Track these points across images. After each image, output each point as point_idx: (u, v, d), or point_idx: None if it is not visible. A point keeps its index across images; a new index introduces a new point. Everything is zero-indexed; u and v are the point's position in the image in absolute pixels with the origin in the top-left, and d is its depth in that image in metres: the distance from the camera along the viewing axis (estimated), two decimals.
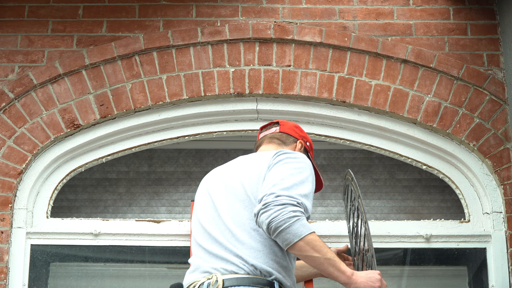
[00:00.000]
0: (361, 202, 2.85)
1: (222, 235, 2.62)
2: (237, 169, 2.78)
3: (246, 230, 2.60)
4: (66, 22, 3.89)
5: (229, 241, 2.60)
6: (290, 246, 2.50)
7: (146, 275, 3.86)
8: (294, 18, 3.89)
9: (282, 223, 2.47)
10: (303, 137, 3.03)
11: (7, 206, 3.60)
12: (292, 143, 2.97)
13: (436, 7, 3.93)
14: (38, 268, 3.66)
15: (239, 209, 2.65)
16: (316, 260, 2.52)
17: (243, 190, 2.67)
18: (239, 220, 2.62)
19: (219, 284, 2.52)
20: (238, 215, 2.63)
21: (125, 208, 4.26)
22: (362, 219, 2.84)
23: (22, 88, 3.75)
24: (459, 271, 3.87)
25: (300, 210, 2.51)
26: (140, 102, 3.77)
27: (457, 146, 3.78)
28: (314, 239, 2.50)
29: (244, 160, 2.82)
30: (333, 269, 2.53)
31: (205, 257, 2.64)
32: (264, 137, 3.01)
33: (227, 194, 2.70)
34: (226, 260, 2.57)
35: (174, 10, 3.91)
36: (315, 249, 2.50)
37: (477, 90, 3.78)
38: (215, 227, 2.66)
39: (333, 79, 3.79)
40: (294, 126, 3.04)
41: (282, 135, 2.99)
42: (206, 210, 2.75)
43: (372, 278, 2.56)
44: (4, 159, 3.66)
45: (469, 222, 3.72)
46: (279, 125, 3.01)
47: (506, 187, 3.66)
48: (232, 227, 2.62)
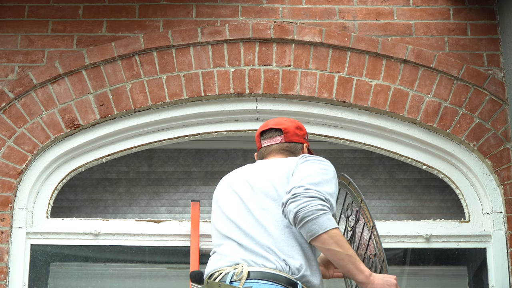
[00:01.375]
0: (364, 206, 2.84)
1: (254, 230, 2.64)
2: (264, 171, 2.79)
3: (279, 228, 2.63)
4: (66, 22, 3.89)
5: (262, 236, 2.62)
6: (314, 237, 2.53)
7: (146, 275, 3.87)
8: (294, 18, 3.89)
9: (310, 213, 2.51)
10: (304, 134, 3.02)
11: (7, 206, 3.60)
12: (300, 151, 2.96)
13: (436, 7, 3.93)
14: (38, 268, 3.66)
15: (271, 207, 2.67)
16: (337, 255, 2.54)
17: (274, 190, 2.69)
18: (272, 218, 2.65)
19: (243, 275, 2.54)
20: (270, 214, 2.66)
21: (125, 208, 4.26)
22: (366, 224, 2.83)
23: (22, 88, 3.75)
24: (459, 271, 3.87)
25: (327, 205, 2.56)
26: (140, 102, 3.77)
27: (457, 146, 3.78)
28: (338, 233, 2.54)
29: (269, 164, 2.83)
30: (353, 266, 2.55)
31: (236, 248, 2.65)
32: (270, 148, 2.93)
33: (256, 195, 2.72)
34: (257, 253, 2.59)
35: (174, 10, 3.91)
36: (338, 244, 2.53)
37: (477, 90, 3.78)
38: (246, 222, 2.68)
39: (333, 79, 3.79)
40: (295, 128, 2.98)
41: (290, 146, 2.93)
42: (234, 207, 2.75)
43: (389, 281, 2.58)
44: (4, 159, 3.66)
45: (469, 222, 3.72)
46: (283, 134, 2.93)
47: (506, 187, 3.66)
48: (265, 223, 2.64)
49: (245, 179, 2.81)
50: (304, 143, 2.97)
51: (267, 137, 2.95)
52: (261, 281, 2.53)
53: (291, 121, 3.01)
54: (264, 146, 2.93)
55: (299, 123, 3.02)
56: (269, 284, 2.53)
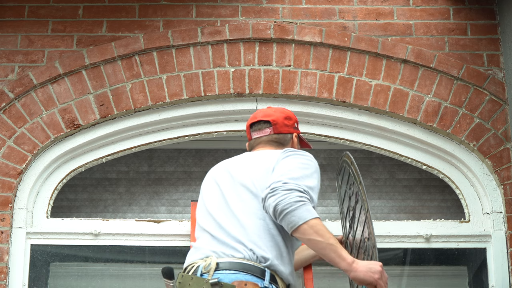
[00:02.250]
0: (362, 188, 2.86)
1: (228, 222, 2.70)
2: (246, 163, 2.84)
3: (252, 219, 2.67)
4: (66, 22, 3.89)
5: (235, 227, 2.67)
6: (295, 229, 2.55)
7: (146, 275, 3.86)
8: (294, 18, 3.89)
9: (288, 205, 2.54)
10: (293, 124, 3.05)
11: (7, 206, 3.60)
12: (289, 141, 3.00)
13: (436, 7, 3.93)
14: (38, 268, 3.66)
15: (247, 199, 2.72)
16: (318, 244, 2.56)
17: (251, 183, 2.74)
18: (246, 210, 2.70)
19: (211, 266, 2.59)
20: (247, 205, 2.70)
21: (125, 208, 4.25)
22: (362, 206, 2.85)
23: (22, 88, 3.75)
24: (459, 271, 3.86)
25: (306, 196, 2.58)
26: (140, 102, 3.77)
27: (457, 146, 3.78)
28: (317, 223, 2.56)
29: (252, 156, 2.89)
30: (335, 254, 2.57)
31: (208, 240, 2.71)
32: (259, 140, 2.99)
33: (235, 186, 2.77)
34: (227, 244, 2.64)
35: (174, 10, 3.91)
36: (319, 233, 2.55)
37: (477, 90, 3.78)
38: (222, 214, 2.74)
39: (333, 79, 3.79)
40: (284, 119, 3.01)
41: (279, 137, 2.98)
42: (214, 199, 2.82)
43: (373, 268, 2.57)
44: (4, 159, 3.66)
45: (469, 222, 3.72)
46: (271, 126, 2.98)
47: (506, 187, 3.66)
48: (239, 215, 2.69)
49: (227, 170, 2.87)
50: (293, 132, 3.01)
51: (256, 129, 3.00)
52: (228, 271, 2.58)
53: (280, 111, 3.05)
54: (254, 138, 2.99)
55: (288, 113, 3.06)
56: (237, 273, 2.58)
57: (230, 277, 2.57)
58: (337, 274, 3.85)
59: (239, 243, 2.63)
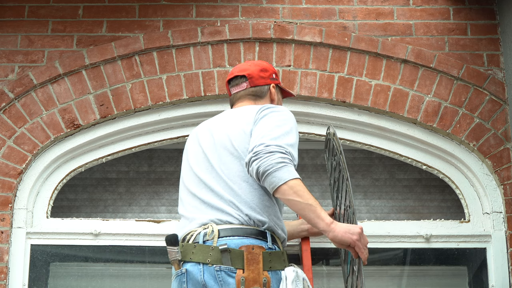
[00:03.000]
0: (342, 158, 2.94)
1: (218, 185, 2.75)
2: (224, 123, 2.90)
3: (237, 182, 2.73)
4: (66, 22, 3.89)
5: (226, 191, 2.73)
6: (275, 189, 2.62)
7: (146, 275, 3.86)
8: (294, 18, 3.89)
9: (270, 167, 2.61)
10: (270, 75, 3.09)
11: (7, 206, 3.60)
12: (267, 93, 3.06)
13: (436, 7, 3.93)
14: (38, 268, 3.66)
15: (229, 163, 2.78)
16: (297, 204, 2.62)
17: (230, 144, 2.80)
18: (230, 173, 2.76)
19: (215, 234, 2.64)
20: (228, 168, 2.76)
21: (125, 208, 4.25)
22: (344, 175, 2.89)
23: (22, 88, 3.75)
24: (459, 271, 3.86)
25: (288, 157, 2.64)
26: (140, 102, 3.77)
27: (457, 146, 3.78)
28: (297, 184, 2.62)
29: (230, 115, 2.94)
30: (313, 215, 2.62)
31: (201, 207, 2.75)
32: (237, 95, 3.06)
33: (216, 148, 2.83)
34: (222, 210, 2.69)
35: (174, 10, 3.91)
36: (298, 193, 2.61)
37: (477, 90, 3.78)
38: (210, 176, 2.79)
39: (333, 79, 3.79)
40: (260, 71, 3.07)
41: (256, 90, 3.05)
42: (198, 160, 2.87)
43: (351, 230, 2.63)
44: (4, 159, 3.66)
45: (469, 222, 3.72)
46: (247, 80, 3.05)
47: (506, 187, 3.66)
48: (226, 179, 2.75)
49: (209, 131, 2.93)
50: (270, 83, 3.06)
51: (233, 84, 3.08)
52: (232, 237, 2.64)
53: (255, 64, 3.12)
54: (233, 93, 3.07)
55: (264, 65, 3.12)
56: (241, 238, 2.64)
57: (235, 242, 2.63)
58: (337, 274, 3.85)
59: (235, 209, 2.69)
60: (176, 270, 2.68)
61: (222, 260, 2.59)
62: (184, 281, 2.63)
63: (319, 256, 3.74)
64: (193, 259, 2.63)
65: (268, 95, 3.05)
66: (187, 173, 2.92)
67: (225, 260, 2.60)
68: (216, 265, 2.59)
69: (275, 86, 3.08)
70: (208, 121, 3.05)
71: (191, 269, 2.63)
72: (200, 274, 2.60)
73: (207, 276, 2.59)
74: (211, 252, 2.60)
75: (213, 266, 2.59)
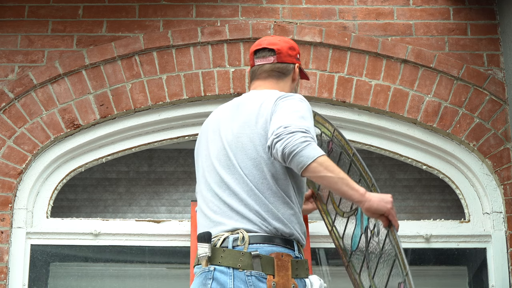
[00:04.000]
0: (338, 135, 3.02)
1: (242, 190, 2.71)
2: (245, 120, 2.82)
3: (262, 190, 2.70)
4: (66, 22, 3.89)
5: (251, 199, 2.70)
6: (304, 168, 2.58)
7: (146, 275, 3.86)
8: (294, 18, 3.89)
9: (295, 147, 2.57)
10: (296, 54, 3.05)
11: (7, 206, 3.60)
12: (291, 72, 3.01)
13: (436, 7, 3.93)
14: (38, 268, 3.66)
15: (251, 167, 2.73)
16: (330, 179, 2.59)
17: (253, 148, 2.75)
18: (254, 179, 2.72)
19: (246, 240, 2.63)
20: (252, 174, 2.72)
21: (125, 208, 4.25)
22: (342, 152, 2.99)
23: (22, 88, 3.75)
24: (459, 271, 3.86)
25: (309, 136, 2.62)
26: (140, 102, 3.77)
27: (457, 146, 3.78)
28: (326, 159, 2.60)
29: (249, 108, 2.85)
30: (347, 187, 2.61)
31: (227, 212, 2.71)
32: (263, 68, 2.98)
33: (237, 148, 2.78)
34: (250, 220, 2.67)
35: (174, 10, 3.91)
36: (328, 169, 2.58)
37: (477, 90, 3.78)
38: (232, 177, 2.74)
39: (333, 79, 3.79)
40: (289, 49, 3.01)
41: (282, 67, 2.98)
42: (219, 155, 2.80)
43: (385, 199, 2.63)
44: (4, 159, 3.66)
45: (469, 222, 3.72)
46: (276, 54, 2.97)
47: (506, 187, 3.66)
48: (250, 184, 2.71)
49: (230, 126, 2.84)
50: (296, 63, 3.02)
51: (260, 56, 2.99)
52: (262, 244, 2.63)
53: (284, 40, 3.05)
54: (257, 64, 2.99)
55: (292, 43, 3.06)
56: (271, 246, 2.64)
57: (265, 249, 2.63)
58: (338, 274, 3.86)
59: (262, 220, 2.67)
60: (204, 267, 2.65)
61: (253, 265, 2.60)
62: (210, 278, 2.62)
63: (319, 256, 3.74)
64: (222, 263, 2.62)
65: (291, 74, 2.99)
66: (208, 166, 2.84)
67: (256, 265, 2.60)
68: (247, 270, 2.59)
69: (298, 66, 3.03)
70: (225, 109, 2.95)
71: (219, 272, 2.62)
72: (230, 278, 2.59)
73: (237, 281, 2.58)
74: (242, 258, 2.60)
75: (244, 271, 2.59)
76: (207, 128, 2.94)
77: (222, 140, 2.83)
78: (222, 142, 2.82)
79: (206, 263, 2.63)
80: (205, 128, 2.96)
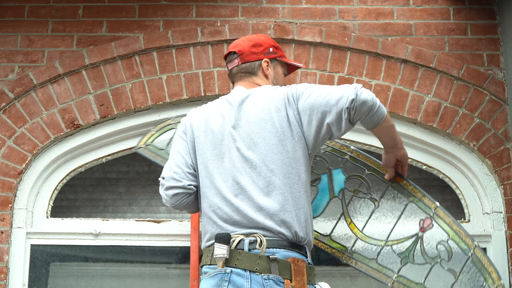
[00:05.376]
0: None
1: (259, 192, 2.70)
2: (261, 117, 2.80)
3: (284, 193, 2.70)
4: (66, 22, 3.89)
5: (270, 200, 2.68)
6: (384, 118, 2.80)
7: (146, 275, 3.86)
8: (294, 18, 3.89)
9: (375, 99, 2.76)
10: (263, 50, 3.02)
11: (7, 206, 3.60)
12: (258, 69, 3.00)
13: (436, 7, 3.93)
14: (38, 268, 3.66)
15: (274, 168, 2.72)
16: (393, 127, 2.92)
17: (281, 146, 2.75)
18: (275, 180, 2.70)
19: (264, 245, 2.64)
20: (275, 175, 2.71)
21: (125, 208, 4.25)
22: None
23: (22, 88, 3.76)
24: None
25: None
26: (140, 102, 3.77)
27: (457, 146, 3.78)
28: None
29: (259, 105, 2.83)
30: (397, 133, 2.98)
31: (237, 219, 2.69)
32: (232, 72, 3.02)
33: (256, 147, 2.75)
34: (265, 225, 2.66)
35: (174, 10, 3.91)
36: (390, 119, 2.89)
37: (477, 90, 3.79)
38: (248, 180, 2.72)
39: (333, 79, 3.79)
40: (252, 46, 3.01)
41: (247, 66, 2.99)
42: (233, 157, 2.77)
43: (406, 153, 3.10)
44: (4, 159, 3.66)
45: (469, 222, 3.72)
46: (238, 56, 3.00)
47: (506, 187, 3.66)
48: (270, 186, 2.70)
49: (244, 129, 2.80)
50: (262, 58, 3.00)
51: (228, 60, 3.05)
52: (279, 249, 2.65)
53: (249, 39, 3.05)
54: (229, 69, 3.04)
55: (258, 39, 3.04)
56: (287, 251, 2.66)
57: (282, 254, 2.64)
58: (338, 274, 3.86)
59: (283, 227, 2.66)
60: (219, 268, 2.64)
61: (271, 269, 2.61)
62: (226, 281, 2.62)
63: (319, 256, 3.74)
64: (239, 265, 2.62)
65: (260, 71, 2.98)
66: (218, 169, 2.79)
67: (274, 269, 2.61)
68: (264, 273, 2.60)
69: (268, 61, 2.99)
70: (225, 106, 2.90)
71: (235, 275, 2.62)
72: (247, 281, 2.60)
73: (254, 284, 2.59)
74: (259, 261, 2.61)
75: (261, 274, 2.60)
76: (205, 130, 2.87)
77: (235, 142, 2.79)
78: (234, 143, 2.78)
79: (222, 265, 2.63)
80: (201, 131, 2.88)
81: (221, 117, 2.86)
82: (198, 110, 2.99)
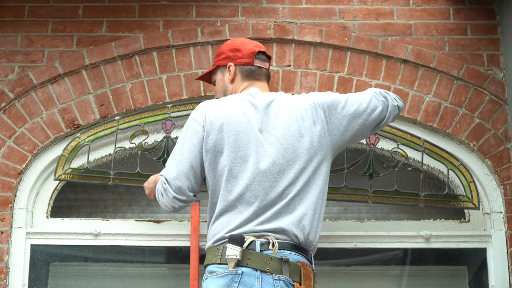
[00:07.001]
0: None
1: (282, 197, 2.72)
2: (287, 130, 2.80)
3: (311, 199, 2.74)
4: (66, 22, 3.89)
5: (293, 207, 2.71)
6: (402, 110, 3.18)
7: (146, 275, 3.86)
8: (294, 18, 3.89)
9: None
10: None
11: (7, 206, 3.60)
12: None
13: (436, 7, 3.93)
14: (38, 268, 3.66)
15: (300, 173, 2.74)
16: None
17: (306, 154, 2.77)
18: (302, 186, 2.73)
19: (276, 246, 2.65)
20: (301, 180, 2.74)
21: (125, 208, 4.25)
22: None
23: (22, 88, 3.76)
24: (459, 271, 3.86)
25: None
26: (140, 102, 3.77)
27: (457, 146, 3.78)
28: None
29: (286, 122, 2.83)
30: None
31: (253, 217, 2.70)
32: (262, 73, 3.03)
33: (284, 159, 2.75)
34: (283, 230, 2.68)
35: (174, 10, 3.91)
36: None
37: (477, 90, 3.79)
38: (273, 185, 2.72)
39: (333, 79, 3.79)
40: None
41: (269, 73, 3.06)
42: (259, 160, 2.75)
43: None
44: (4, 159, 3.66)
45: (469, 222, 3.72)
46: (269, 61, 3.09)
47: (506, 187, 3.66)
48: (295, 191, 2.73)
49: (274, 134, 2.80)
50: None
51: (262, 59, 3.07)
52: (289, 251, 2.66)
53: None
54: (256, 65, 3.02)
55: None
56: (297, 254, 2.67)
57: (293, 257, 2.66)
58: (337, 274, 3.86)
59: (299, 233, 2.68)
60: (230, 268, 2.63)
61: (282, 270, 2.62)
62: (237, 282, 2.61)
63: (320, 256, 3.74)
64: (250, 265, 2.62)
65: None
66: (240, 169, 2.75)
67: (285, 271, 2.62)
68: (275, 274, 2.61)
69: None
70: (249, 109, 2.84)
71: (246, 275, 2.61)
72: (258, 281, 2.60)
73: (264, 284, 2.59)
74: (270, 262, 2.62)
75: (272, 275, 2.61)
76: (227, 131, 2.78)
77: (263, 146, 2.76)
78: (263, 149, 2.76)
79: (234, 266, 2.63)
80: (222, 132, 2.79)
81: (246, 119, 2.80)
82: (216, 107, 2.86)
